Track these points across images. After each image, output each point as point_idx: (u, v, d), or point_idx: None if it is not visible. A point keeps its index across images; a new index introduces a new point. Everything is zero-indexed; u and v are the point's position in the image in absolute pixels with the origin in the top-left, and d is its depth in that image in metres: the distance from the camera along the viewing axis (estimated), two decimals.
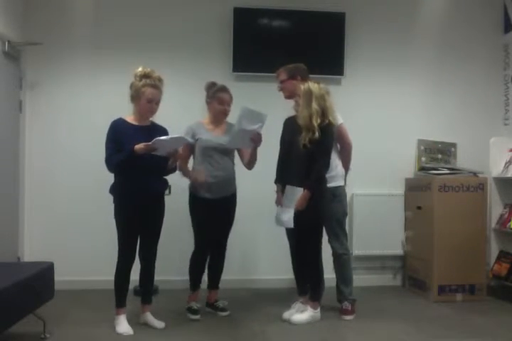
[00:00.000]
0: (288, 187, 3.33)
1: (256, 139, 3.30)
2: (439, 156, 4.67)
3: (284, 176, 3.41)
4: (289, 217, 3.28)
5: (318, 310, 3.46)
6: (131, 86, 3.19)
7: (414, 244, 4.40)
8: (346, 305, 3.59)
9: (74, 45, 4.33)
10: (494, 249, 4.40)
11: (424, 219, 4.24)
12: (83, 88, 4.34)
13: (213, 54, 4.44)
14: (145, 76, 3.16)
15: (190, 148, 3.46)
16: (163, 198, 3.32)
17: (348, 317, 3.55)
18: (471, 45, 4.73)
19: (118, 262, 3.21)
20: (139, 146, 3.00)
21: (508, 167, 4.43)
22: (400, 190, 4.58)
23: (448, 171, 4.39)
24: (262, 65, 4.42)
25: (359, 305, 3.65)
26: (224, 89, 3.51)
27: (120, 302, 3.23)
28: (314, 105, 3.28)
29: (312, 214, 3.30)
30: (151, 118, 3.29)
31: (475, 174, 4.36)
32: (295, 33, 4.50)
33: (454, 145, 4.70)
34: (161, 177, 3.25)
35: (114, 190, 3.20)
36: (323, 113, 3.29)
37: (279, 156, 3.50)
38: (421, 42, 4.70)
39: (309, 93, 3.31)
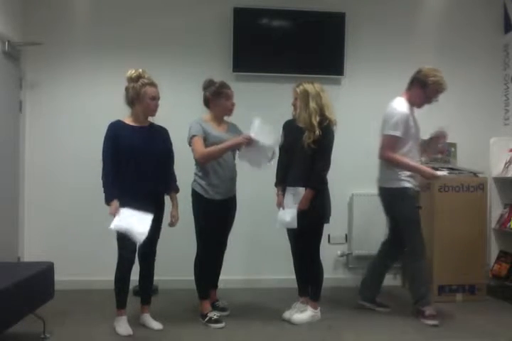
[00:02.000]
0: (289, 189, 3.35)
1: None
2: (439, 156, 4.66)
3: (286, 178, 3.41)
4: (291, 217, 3.28)
5: (318, 309, 3.47)
6: (128, 89, 3.19)
7: None
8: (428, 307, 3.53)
9: (74, 45, 4.33)
10: (494, 249, 4.41)
11: (424, 219, 4.22)
12: (83, 88, 4.34)
13: (213, 54, 4.44)
14: (140, 77, 3.18)
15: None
16: (163, 198, 3.32)
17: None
18: (471, 46, 4.73)
19: (118, 263, 3.21)
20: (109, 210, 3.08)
21: (508, 167, 4.42)
22: None
23: (448, 171, 4.39)
24: (262, 65, 4.43)
25: (359, 305, 3.64)
26: (227, 85, 3.50)
27: (121, 303, 3.22)
28: (312, 104, 3.31)
29: (314, 214, 3.31)
30: (150, 119, 3.30)
31: (475, 174, 4.36)
32: (295, 32, 4.49)
33: (454, 145, 4.69)
34: (160, 177, 3.24)
35: None
36: (321, 110, 3.32)
37: (279, 159, 3.49)
38: (421, 42, 4.69)
39: (306, 94, 3.34)
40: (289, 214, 3.31)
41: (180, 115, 4.01)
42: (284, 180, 3.43)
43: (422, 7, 4.72)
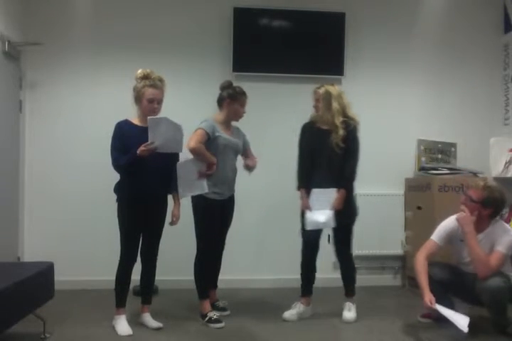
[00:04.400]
0: (317, 191, 3.37)
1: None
2: (439, 156, 4.67)
3: (313, 180, 3.41)
4: (326, 218, 3.33)
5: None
6: (133, 89, 3.20)
7: (414, 244, 4.39)
8: None
9: (74, 45, 4.33)
10: None
11: (424, 219, 4.23)
12: (83, 88, 4.34)
13: (213, 54, 4.44)
14: (145, 77, 3.17)
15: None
16: (166, 199, 3.31)
17: None
18: (471, 45, 4.73)
19: (120, 262, 3.21)
20: (141, 149, 2.99)
21: (508, 167, 4.43)
22: (400, 190, 4.58)
23: (448, 171, 4.39)
24: (262, 65, 4.43)
25: (359, 305, 3.63)
26: (245, 93, 3.53)
27: (120, 302, 3.23)
28: (335, 105, 3.37)
29: (349, 212, 3.43)
30: None
31: (475, 174, 4.36)
32: (295, 33, 4.50)
33: (454, 145, 4.70)
34: (165, 178, 3.23)
35: (118, 189, 3.20)
36: (344, 111, 3.39)
37: (301, 162, 3.49)
38: (421, 43, 4.70)
39: (328, 95, 3.38)
40: (323, 215, 3.34)
41: (180, 115, 3.98)
42: (308, 183, 3.43)
43: (422, 7, 4.72)
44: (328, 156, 3.37)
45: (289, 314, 3.47)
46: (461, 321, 2.96)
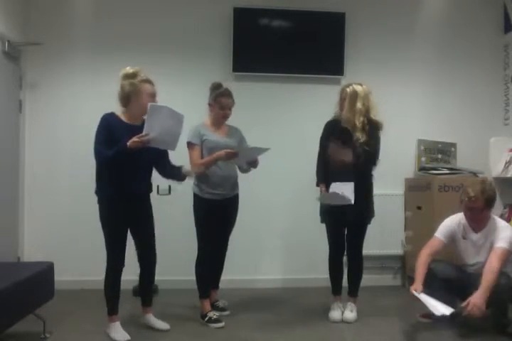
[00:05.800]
0: (336, 184, 3.35)
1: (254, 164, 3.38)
2: (439, 156, 4.67)
3: (332, 177, 3.40)
4: (350, 192, 3.27)
5: None
6: (124, 85, 3.05)
7: (414, 244, 4.40)
8: None
9: (74, 45, 4.33)
10: None
11: (424, 219, 4.23)
12: (83, 88, 4.34)
13: (213, 54, 4.44)
14: (136, 74, 3.08)
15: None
16: (148, 199, 3.23)
17: None
18: (471, 45, 4.73)
19: (107, 267, 3.10)
20: (133, 140, 2.83)
21: (508, 167, 4.43)
22: (400, 190, 4.58)
23: (448, 171, 4.39)
24: (262, 65, 4.43)
25: (359, 305, 3.64)
26: (226, 93, 3.43)
27: (113, 310, 3.13)
28: (358, 105, 3.33)
29: (367, 212, 3.46)
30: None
31: (475, 174, 4.36)
32: (295, 33, 4.50)
33: (454, 145, 4.70)
34: (146, 177, 3.17)
35: (100, 189, 3.08)
36: (367, 112, 3.36)
37: (322, 158, 3.47)
38: (421, 43, 4.70)
39: (355, 94, 3.34)
40: (347, 191, 3.29)
41: None
42: (327, 178, 3.43)
43: (422, 7, 4.72)
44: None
45: (338, 314, 3.48)
46: (440, 308, 2.96)
